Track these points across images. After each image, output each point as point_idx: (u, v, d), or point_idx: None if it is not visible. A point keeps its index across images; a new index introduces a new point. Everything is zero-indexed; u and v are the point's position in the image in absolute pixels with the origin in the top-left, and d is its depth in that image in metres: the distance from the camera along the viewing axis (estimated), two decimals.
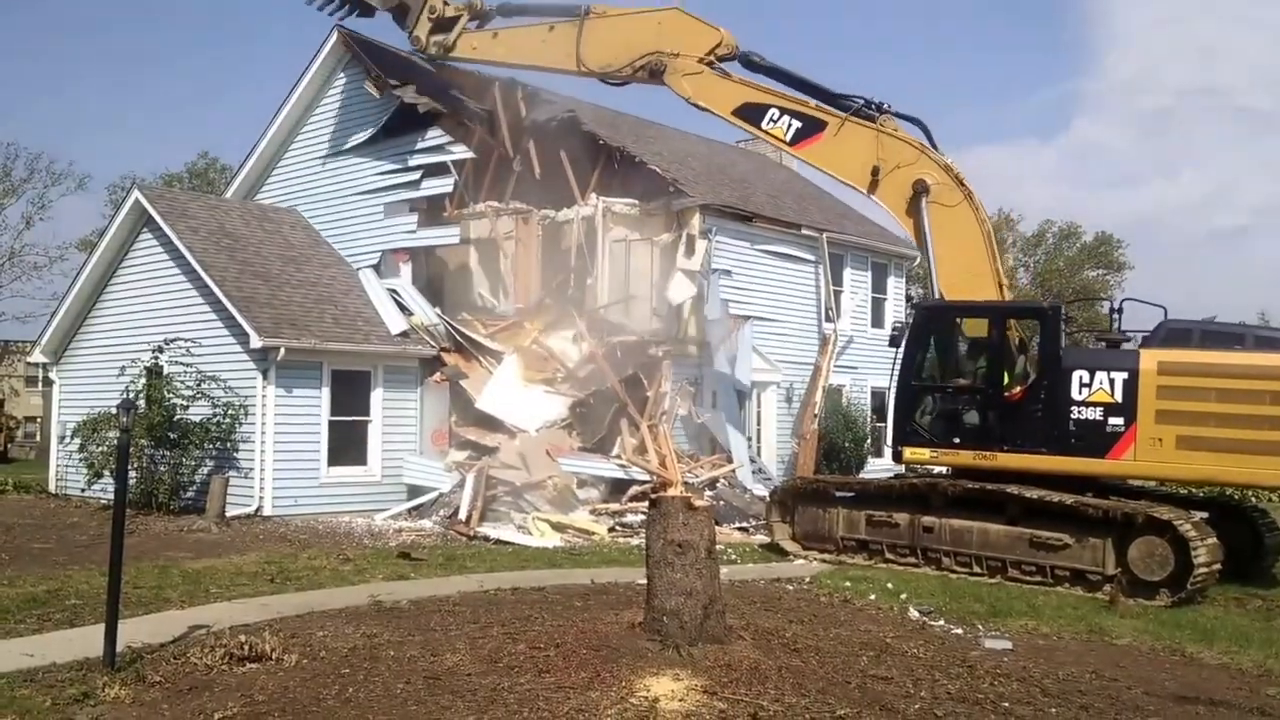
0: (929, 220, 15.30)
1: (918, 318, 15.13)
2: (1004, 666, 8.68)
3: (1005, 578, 13.10)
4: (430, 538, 16.56)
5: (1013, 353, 14.54)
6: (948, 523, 13.70)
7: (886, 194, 15.82)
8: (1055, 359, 13.75)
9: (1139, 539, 12.36)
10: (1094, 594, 12.31)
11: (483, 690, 7.34)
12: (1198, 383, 12.86)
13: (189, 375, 18.78)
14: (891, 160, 15.67)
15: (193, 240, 20.27)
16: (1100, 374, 13.33)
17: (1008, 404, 14.10)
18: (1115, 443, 13.13)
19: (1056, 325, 13.96)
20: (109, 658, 7.79)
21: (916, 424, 14.77)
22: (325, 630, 9.10)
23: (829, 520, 14.89)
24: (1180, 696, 8.06)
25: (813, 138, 16.46)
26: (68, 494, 22.06)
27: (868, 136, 15.91)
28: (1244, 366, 12.76)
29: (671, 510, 8.52)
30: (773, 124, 16.77)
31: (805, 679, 7.82)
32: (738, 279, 23.63)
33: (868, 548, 14.53)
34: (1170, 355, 13.18)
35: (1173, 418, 12.86)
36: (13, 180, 50.19)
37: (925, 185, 15.34)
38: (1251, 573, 13.69)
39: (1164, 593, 12.04)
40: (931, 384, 15.06)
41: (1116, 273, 58.25)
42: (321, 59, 23.58)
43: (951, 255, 15.14)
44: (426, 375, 20.52)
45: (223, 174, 52.17)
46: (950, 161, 15.55)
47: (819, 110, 16.48)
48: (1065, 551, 12.75)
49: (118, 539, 8.03)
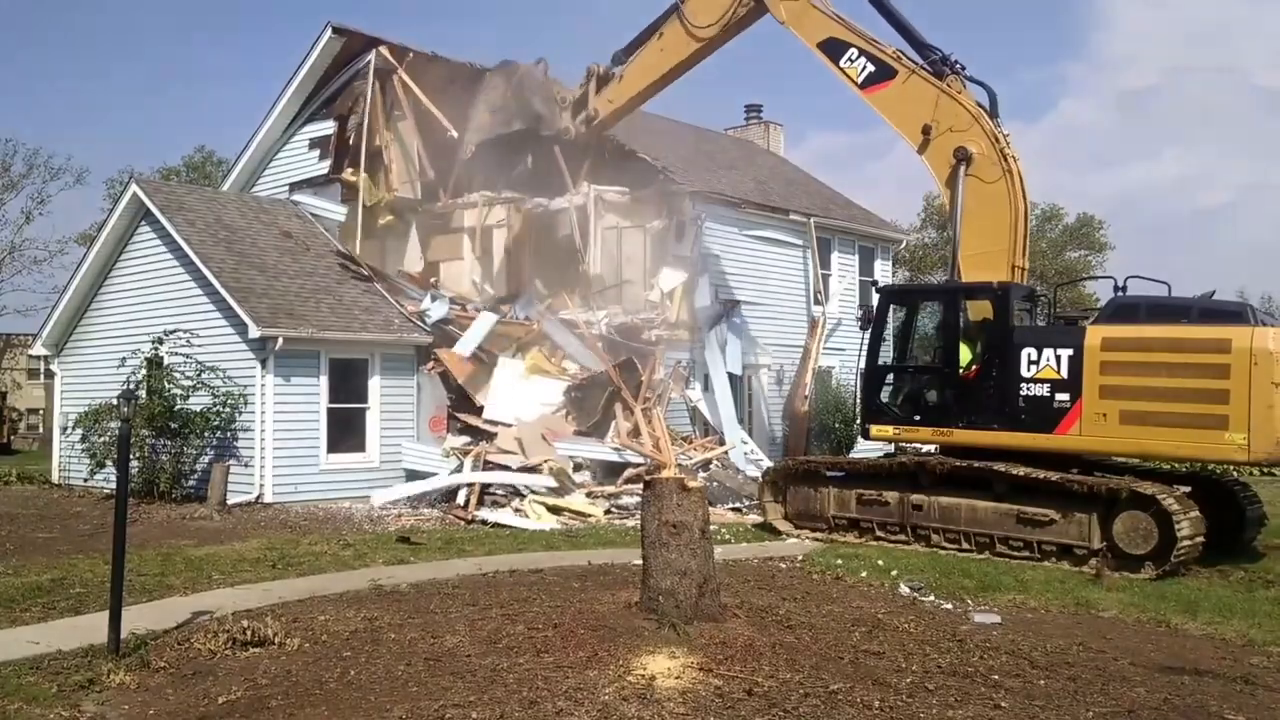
0: (963, 192, 15.01)
1: (880, 301, 15.55)
2: (993, 640, 8.83)
3: (993, 553, 13.23)
4: (429, 522, 16.70)
5: (973, 332, 14.61)
6: (936, 500, 13.86)
7: (933, 156, 15.51)
8: (1006, 337, 13.94)
9: (1123, 514, 12.47)
10: (1080, 568, 12.45)
11: (482, 671, 7.47)
12: (1138, 358, 12.90)
13: (189, 366, 18.89)
14: (945, 122, 15.30)
15: (190, 232, 20.36)
16: (1048, 351, 13.51)
17: (963, 382, 14.33)
18: (1062, 418, 13.31)
19: (1008, 304, 14.08)
20: (114, 644, 7.90)
21: (882, 402, 15.17)
22: (326, 614, 9.23)
23: (820, 500, 15.08)
24: (1166, 667, 8.20)
25: (882, 84, 16.11)
26: (71, 484, 22.18)
27: (930, 94, 15.53)
28: (1181, 340, 12.70)
29: (666, 492, 8.65)
30: (850, 63, 16.42)
31: (799, 655, 7.96)
32: (727, 264, 23.77)
33: (859, 526, 14.71)
34: (1113, 331, 13.24)
35: (1115, 393, 12.96)
36: (12, 175, 50.27)
37: (968, 154, 14.99)
38: (1234, 545, 13.79)
39: (1149, 566, 12.16)
40: (895, 364, 15.51)
41: (1098, 253, 58.37)
42: (317, 53, 23.69)
43: (976, 232, 14.99)
44: (423, 362, 20.64)
45: (219, 167, 52.15)
46: (1003, 133, 15.09)
47: (894, 57, 16.07)
48: (1052, 527, 12.88)
49: (121, 527, 8.14)
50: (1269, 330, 12.27)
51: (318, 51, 23.70)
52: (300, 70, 23.97)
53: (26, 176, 50.68)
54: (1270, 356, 12.04)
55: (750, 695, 7.00)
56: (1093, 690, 7.48)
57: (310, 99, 24.47)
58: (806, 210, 26.41)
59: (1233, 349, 12.21)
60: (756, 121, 33.73)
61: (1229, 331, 12.38)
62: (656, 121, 27.80)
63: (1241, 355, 12.12)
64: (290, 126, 24.93)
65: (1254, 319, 12.55)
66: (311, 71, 23.99)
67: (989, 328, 14.32)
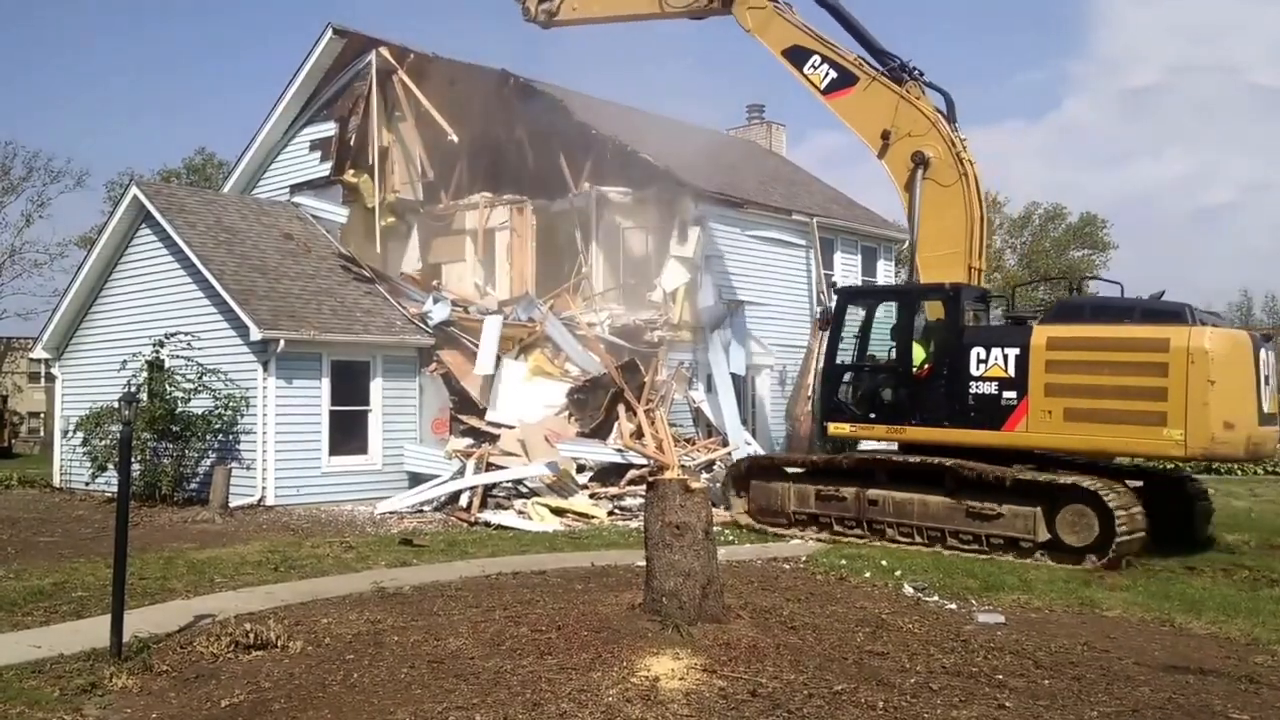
0: (920, 195, 15.46)
1: (839, 301, 15.89)
2: (997, 640, 8.81)
3: (944, 546, 13.63)
4: (431, 524, 16.69)
5: (926, 332, 14.95)
6: (891, 495, 14.29)
7: (893, 161, 15.93)
8: (957, 337, 14.31)
9: (1066, 507, 12.89)
10: (1024, 559, 12.90)
11: (486, 673, 7.45)
12: (1081, 356, 13.29)
13: (190, 368, 18.89)
14: (904, 127, 15.74)
15: (191, 235, 20.36)
16: (996, 350, 13.90)
17: (916, 381, 14.67)
18: (1010, 415, 13.66)
19: (958, 305, 14.46)
20: (116, 648, 7.88)
21: (840, 400, 15.55)
22: (329, 617, 9.21)
23: (781, 496, 15.51)
24: (1170, 666, 8.18)
25: (844, 90, 16.55)
26: (72, 488, 22.19)
27: (890, 100, 15.95)
28: (1122, 339, 13.12)
29: (669, 493, 8.64)
30: (814, 70, 16.85)
31: (803, 656, 7.95)
32: (731, 264, 23.74)
33: (818, 521, 15.12)
34: (1058, 331, 13.62)
35: (1060, 390, 13.33)
36: (12, 179, 50.34)
37: (925, 158, 15.43)
38: (1187, 537, 14.25)
39: (1091, 558, 12.56)
40: (852, 363, 15.84)
41: (1102, 252, 58.41)
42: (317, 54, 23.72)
43: (934, 234, 15.43)
44: (425, 364, 20.64)
45: (220, 169, 52.18)
46: (959, 139, 15.53)
47: (856, 64, 16.47)
48: (999, 521, 13.30)
49: (122, 531, 8.13)
50: (1206, 330, 12.73)
51: (318, 52, 23.74)
52: (301, 71, 24.01)
53: (27, 179, 50.77)
54: (1206, 355, 12.47)
55: (754, 696, 6.99)
56: (1097, 690, 7.46)
57: (311, 100, 24.51)
58: (809, 210, 26.39)
59: (1171, 348, 12.65)
60: (758, 121, 33.71)
61: (1168, 331, 12.81)
62: (658, 121, 27.83)
63: (1179, 354, 12.57)
64: (291, 128, 24.96)
65: (1193, 319, 12.94)
66: (312, 73, 24.04)
67: (941, 328, 14.70)
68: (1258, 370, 13.09)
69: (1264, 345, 13.56)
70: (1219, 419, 12.47)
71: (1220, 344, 12.67)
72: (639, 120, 26.87)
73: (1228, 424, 12.53)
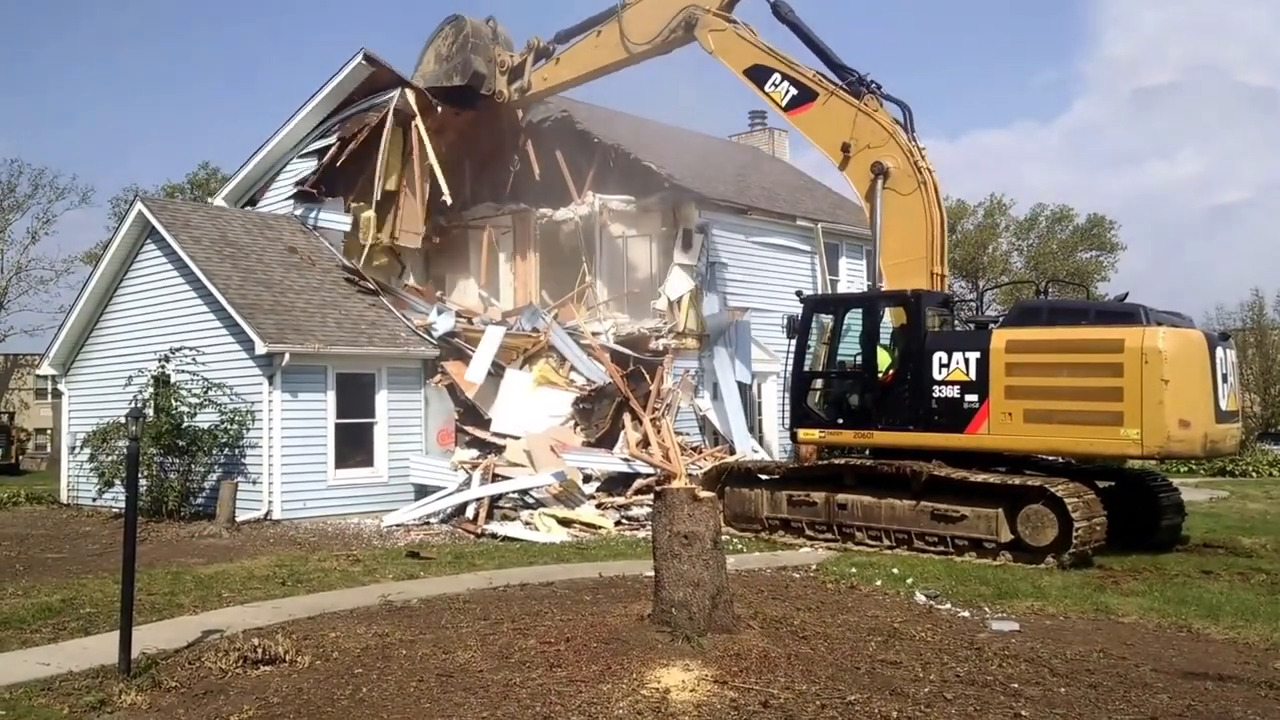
0: (881, 204, 15.87)
1: (805, 309, 16.05)
2: (1012, 648, 8.72)
3: (909, 548, 13.87)
4: (438, 536, 16.64)
5: (890, 338, 15.20)
6: (859, 499, 14.52)
7: (853, 172, 16.41)
8: (920, 342, 14.51)
9: (1025, 508, 13.05)
10: (987, 559, 13.18)
11: (495, 686, 7.39)
12: (1039, 359, 13.56)
13: (196, 383, 18.87)
14: (863, 139, 16.17)
15: (195, 249, 20.37)
16: (957, 355, 14.13)
17: (881, 386, 14.93)
18: (972, 418, 13.89)
19: (920, 311, 14.69)
20: (124, 664, 7.85)
21: (808, 407, 15.80)
22: (337, 631, 9.16)
23: (755, 501, 15.77)
24: (1188, 672, 8.09)
25: (805, 106, 17.12)
26: (79, 504, 22.18)
27: (849, 113, 16.42)
28: (1078, 341, 13.36)
29: (676, 502, 8.57)
30: (774, 87, 17.45)
31: (814, 666, 7.87)
32: (735, 271, 23.70)
33: (789, 525, 15.34)
34: (1016, 334, 13.87)
35: (1019, 393, 13.57)
36: (17, 196, 50.54)
37: (884, 169, 15.84)
38: (1152, 533, 14.46)
39: (1050, 558, 12.78)
40: (819, 370, 16.18)
41: (1110, 254, 58.26)
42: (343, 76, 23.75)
43: (895, 241, 15.85)
44: (430, 376, 20.60)
45: (224, 184, 52.25)
46: (917, 148, 15.94)
47: (815, 80, 17.04)
48: (963, 522, 13.54)
49: (130, 546, 8.10)
50: (1159, 330, 12.97)
51: (344, 74, 23.65)
52: (323, 90, 23.89)
53: (32, 196, 51.00)
54: (1160, 355, 12.73)
55: (766, 707, 6.92)
56: (1114, 697, 7.37)
57: (326, 120, 24.36)
58: (813, 215, 26.33)
59: (1125, 348, 12.92)
60: (761, 128, 33.68)
61: (1122, 332, 13.07)
62: (661, 129, 27.82)
63: (1133, 354, 12.84)
64: (300, 144, 24.81)
65: (1146, 319, 13.15)
66: (334, 93, 23.94)
67: (904, 333, 14.92)
68: (1214, 368, 13.32)
69: (1221, 344, 13.82)
70: (1174, 417, 12.71)
71: (1173, 343, 12.90)
72: (641, 128, 26.86)
73: (1183, 422, 12.78)
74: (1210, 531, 16.16)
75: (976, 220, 57.93)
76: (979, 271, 55.60)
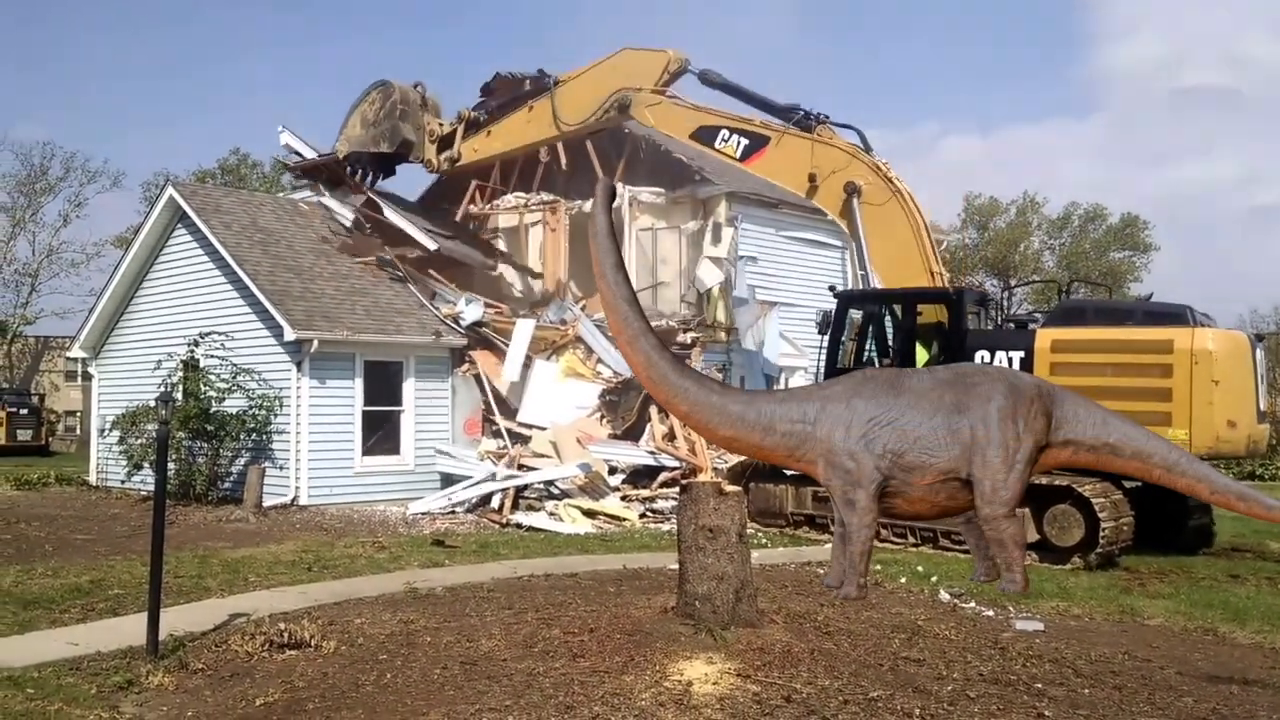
0: (861, 218, 16.31)
1: (838, 305, 16.14)
2: (1036, 648, 8.70)
3: (935, 546, 13.95)
4: (463, 525, 16.71)
5: (927, 335, 15.14)
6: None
7: (823, 198, 16.97)
8: (961, 340, 14.47)
9: (1052, 508, 13.09)
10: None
11: (518, 675, 7.42)
12: (1085, 359, 13.54)
13: (224, 368, 18.99)
14: (826, 167, 16.74)
15: (226, 235, 20.50)
16: (1000, 354, 14.09)
17: None
18: None
19: (961, 309, 14.69)
20: (152, 646, 7.94)
21: None
22: (362, 617, 9.23)
23: (780, 497, 15.83)
24: (1213, 676, 8.06)
25: (759, 153, 17.70)
26: (108, 486, 22.39)
27: (805, 147, 17.08)
28: (1126, 341, 13.37)
29: (702, 496, 8.57)
30: (724, 143, 18.07)
31: (838, 661, 7.86)
32: (764, 265, 23.65)
33: (814, 522, 15.34)
34: (1061, 333, 13.87)
35: None
36: (49, 179, 50.98)
37: (856, 187, 16.35)
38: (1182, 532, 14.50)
39: (1076, 559, 12.80)
40: (852, 366, 15.90)
41: (1143, 254, 57.64)
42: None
43: (883, 249, 16.14)
44: (458, 365, 20.68)
45: (254, 169, 52.56)
46: (881, 162, 16.51)
47: (762, 127, 17.73)
48: None
49: (159, 529, 8.19)
50: (1208, 331, 13.07)
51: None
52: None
53: (64, 180, 51.43)
54: (1210, 356, 12.80)
55: (789, 702, 6.92)
56: (1139, 700, 7.35)
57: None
58: None
59: (1174, 349, 12.98)
60: None
61: (1171, 332, 13.14)
62: None
63: (1183, 355, 12.89)
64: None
65: (1194, 320, 13.22)
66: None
67: (943, 331, 14.88)
68: (1255, 369, 13.42)
69: (1257, 345, 13.93)
70: (1223, 418, 12.75)
71: (1223, 344, 12.96)
72: None
73: (1231, 423, 12.83)
74: (1238, 535, 16.04)
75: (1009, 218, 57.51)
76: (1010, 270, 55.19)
